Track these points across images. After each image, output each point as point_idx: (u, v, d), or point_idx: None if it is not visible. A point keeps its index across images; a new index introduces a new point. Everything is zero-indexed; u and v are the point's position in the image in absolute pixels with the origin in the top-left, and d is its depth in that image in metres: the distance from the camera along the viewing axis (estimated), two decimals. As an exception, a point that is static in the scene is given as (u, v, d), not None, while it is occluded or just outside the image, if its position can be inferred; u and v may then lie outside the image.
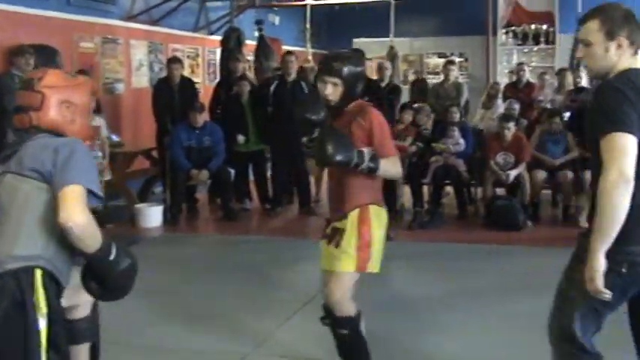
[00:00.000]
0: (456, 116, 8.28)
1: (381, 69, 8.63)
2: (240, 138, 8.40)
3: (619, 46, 2.56)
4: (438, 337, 4.44)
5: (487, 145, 8.06)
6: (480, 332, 4.52)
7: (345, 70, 3.34)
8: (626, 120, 2.42)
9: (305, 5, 11.58)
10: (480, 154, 8.22)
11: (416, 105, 8.86)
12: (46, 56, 7.34)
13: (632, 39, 2.58)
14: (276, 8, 12.73)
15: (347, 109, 3.41)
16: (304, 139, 3.51)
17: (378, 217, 3.42)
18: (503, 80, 12.64)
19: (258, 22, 10.65)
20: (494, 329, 4.55)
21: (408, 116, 8.40)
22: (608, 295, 2.49)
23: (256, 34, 10.87)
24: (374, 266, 3.44)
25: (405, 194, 8.24)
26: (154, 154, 8.86)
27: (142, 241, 7.15)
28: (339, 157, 3.22)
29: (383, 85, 8.76)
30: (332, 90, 3.37)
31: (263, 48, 10.14)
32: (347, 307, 3.43)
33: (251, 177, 8.83)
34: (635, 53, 2.62)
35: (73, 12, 8.41)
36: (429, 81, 12.55)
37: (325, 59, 3.50)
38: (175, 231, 7.75)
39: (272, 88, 8.27)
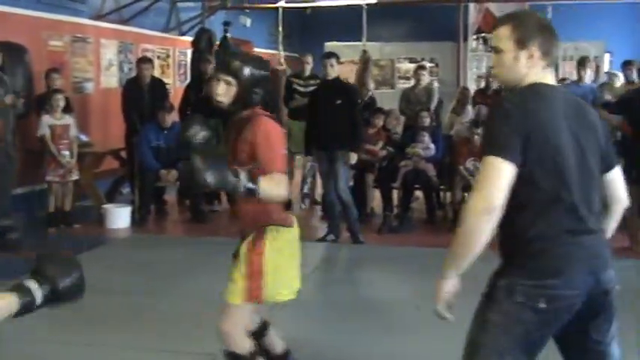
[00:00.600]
0: (427, 121, 8.33)
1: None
2: None
3: (530, 56, 2.35)
4: (405, 337, 4.47)
5: (457, 151, 8.12)
6: (448, 333, 4.54)
7: (245, 70, 3.02)
8: (506, 144, 2.22)
9: (277, 8, 11.57)
10: (449, 159, 8.28)
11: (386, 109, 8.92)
12: (15, 54, 7.26)
13: (545, 50, 2.36)
14: (247, 10, 12.71)
15: (242, 116, 3.09)
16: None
17: (275, 241, 3.06)
18: (473, 86, 12.75)
19: (226, 24, 10.66)
20: (463, 331, 4.58)
21: (379, 120, 8.44)
22: (448, 318, 2.49)
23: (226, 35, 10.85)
24: (272, 295, 3.10)
25: (375, 198, 8.26)
26: (123, 154, 8.80)
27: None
28: (210, 180, 2.77)
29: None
30: (224, 89, 3.03)
31: (223, 49, 10.15)
32: (237, 343, 3.10)
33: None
34: (548, 66, 2.40)
35: (43, 10, 8.31)
36: (399, 86, 12.62)
37: (224, 56, 3.23)
38: (143, 232, 7.69)
39: None
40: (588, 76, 8.95)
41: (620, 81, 9.04)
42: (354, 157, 6.99)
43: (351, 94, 7.33)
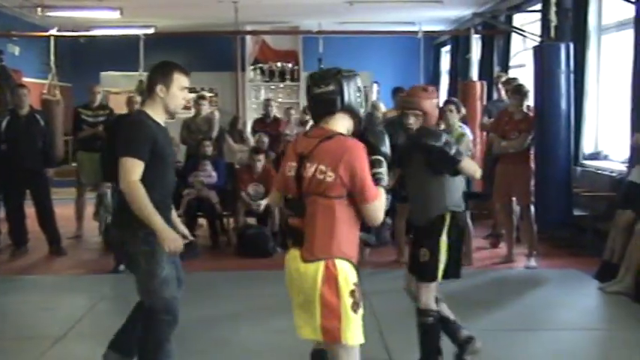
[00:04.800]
0: (209, 150, 8.48)
1: (130, 102, 8.59)
2: None
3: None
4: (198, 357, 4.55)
5: (239, 177, 8.33)
6: (236, 351, 4.72)
7: None
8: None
9: (49, 36, 11.19)
10: (231, 186, 8.48)
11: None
12: None
13: None
14: (15, 38, 12.16)
15: None
16: None
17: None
18: (253, 115, 13.13)
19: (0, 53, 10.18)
20: (249, 347, 4.80)
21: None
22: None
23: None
24: None
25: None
26: None
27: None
28: None
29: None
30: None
31: (6, 79, 9.68)
32: None
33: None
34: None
35: None
36: (179, 116, 12.64)
37: None
38: None
39: (4, 123, 7.87)
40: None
41: (380, 111, 9.63)
42: None
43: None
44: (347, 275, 2.95)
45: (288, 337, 4.87)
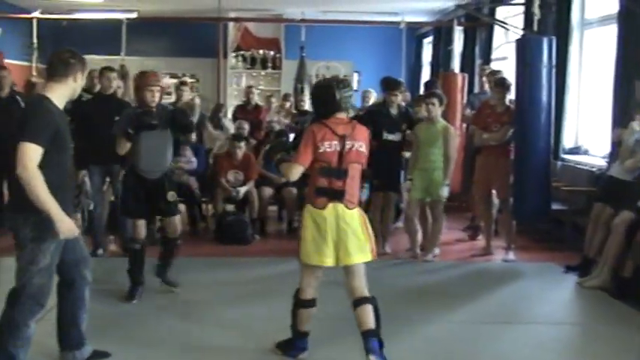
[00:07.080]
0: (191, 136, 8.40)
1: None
2: None
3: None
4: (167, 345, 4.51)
5: (218, 164, 8.28)
6: (215, 336, 4.71)
7: None
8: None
9: (31, 19, 11.03)
10: (211, 172, 8.43)
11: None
12: None
13: None
14: (-2, 19, 11.97)
15: None
16: None
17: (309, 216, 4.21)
18: (233, 102, 13.06)
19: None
20: (229, 330, 4.83)
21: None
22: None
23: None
24: (305, 258, 4.19)
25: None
26: None
27: None
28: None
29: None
30: None
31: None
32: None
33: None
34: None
35: None
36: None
37: None
38: None
39: None
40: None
41: (373, 96, 9.63)
42: None
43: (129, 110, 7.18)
44: None
45: (263, 323, 4.92)
